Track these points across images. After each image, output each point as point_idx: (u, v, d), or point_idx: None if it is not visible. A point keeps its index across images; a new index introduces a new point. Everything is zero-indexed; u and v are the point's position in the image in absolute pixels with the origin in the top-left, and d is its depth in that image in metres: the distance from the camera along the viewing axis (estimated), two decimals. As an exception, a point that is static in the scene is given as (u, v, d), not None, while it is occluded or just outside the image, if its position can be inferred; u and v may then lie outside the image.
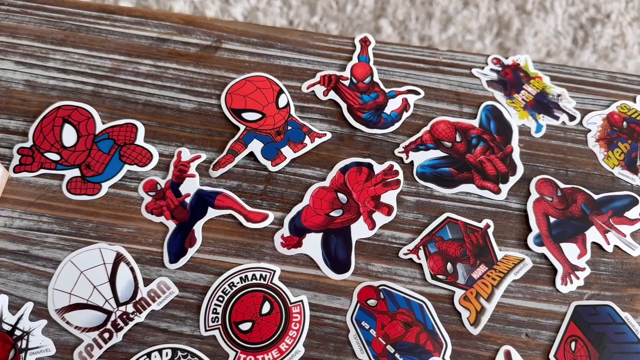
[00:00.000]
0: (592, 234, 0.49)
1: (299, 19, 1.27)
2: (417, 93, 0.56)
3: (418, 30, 1.28)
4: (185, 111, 0.54)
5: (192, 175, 0.51)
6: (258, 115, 0.53)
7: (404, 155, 0.53)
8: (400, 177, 0.51)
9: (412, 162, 0.52)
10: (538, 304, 0.47)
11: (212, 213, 0.49)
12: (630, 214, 0.50)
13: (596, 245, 0.49)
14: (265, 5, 1.27)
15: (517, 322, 0.46)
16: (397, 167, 0.52)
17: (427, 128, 0.54)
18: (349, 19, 1.29)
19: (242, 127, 0.53)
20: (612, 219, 0.50)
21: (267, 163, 0.51)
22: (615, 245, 0.49)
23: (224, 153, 0.51)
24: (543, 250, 0.48)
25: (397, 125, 0.54)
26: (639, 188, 0.52)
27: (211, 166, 0.51)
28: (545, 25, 1.32)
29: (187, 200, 0.50)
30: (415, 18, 1.30)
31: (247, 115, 0.53)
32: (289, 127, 0.53)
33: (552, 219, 0.50)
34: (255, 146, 0.52)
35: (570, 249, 0.49)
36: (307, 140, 0.53)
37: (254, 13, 1.26)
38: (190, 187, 0.50)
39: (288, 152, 0.52)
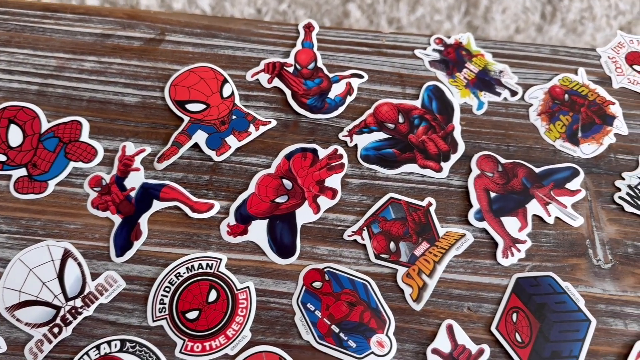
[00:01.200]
0: (533, 207, 0.50)
1: (267, 7, 1.27)
2: (361, 77, 0.56)
3: (386, 13, 1.28)
4: (130, 105, 0.54)
5: (137, 169, 0.51)
6: (202, 106, 0.54)
7: (348, 139, 0.53)
8: (345, 160, 0.52)
9: (356, 145, 0.53)
10: (480, 278, 0.48)
11: (157, 205, 0.50)
12: (571, 185, 0.51)
13: (537, 218, 0.50)
14: None
15: (459, 297, 0.47)
16: (341, 151, 0.53)
17: (371, 111, 0.54)
18: (317, 5, 1.29)
19: (186, 119, 0.53)
20: (553, 191, 0.51)
21: (211, 153, 0.52)
22: (557, 217, 0.50)
23: (168, 145, 0.52)
24: (484, 225, 0.49)
25: (341, 109, 0.55)
26: (580, 159, 0.53)
27: (156, 159, 0.51)
28: (513, 2, 1.32)
29: (132, 194, 0.50)
30: (384, 1, 1.30)
31: (191, 107, 0.54)
32: (234, 117, 0.54)
33: (492, 194, 0.51)
34: (200, 137, 0.52)
35: (510, 223, 0.49)
36: (251, 128, 0.53)
37: (221, 4, 1.26)
38: (135, 180, 0.51)
39: (233, 142, 0.52)
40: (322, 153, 0.52)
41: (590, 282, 0.48)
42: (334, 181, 0.51)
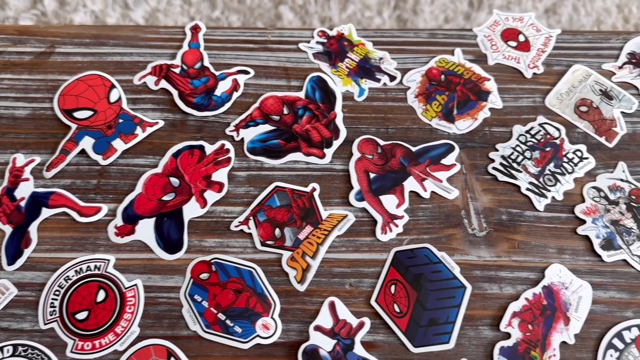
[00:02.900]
0: (410, 184, 0.52)
1: (200, 14, 1.28)
2: (247, 72, 0.58)
3: (318, 13, 1.30)
4: (20, 118, 0.55)
5: (27, 179, 0.52)
6: (90, 113, 0.55)
7: (234, 134, 0.55)
8: (232, 154, 0.54)
9: (242, 139, 0.55)
10: (361, 255, 0.50)
11: (46, 213, 0.51)
12: (447, 160, 0.54)
13: (414, 194, 0.52)
14: (166, 5, 1.27)
15: (341, 274, 0.49)
16: (228, 145, 0.54)
17: (257, 105, 0.56)
18: (250, 10, 1.30)
19: (73, 126, 0.54)
20: (429, 167, 0.53)
21: (98, 158, 0.53)
22: (433, 191, 0.52)
23: (56, 153, 0.53)
24: (364, 204, 0.51)
25: (227, 105, 0.56)
26: (455, 135, 0.55)
27: (44, 167, 0.52)
28: (441, -9, 1.35)
29: (22, 203, 0.51)
30: (315, 1, 1.32)
31: (79, 114, 0.55)
32: (120, 120, 0.55)
33: (372, 175, 0.53)
34: (87, 143, 0.53)
35: (389, 200, 0.52)
36: (138, 130, 0.54)
37: (154, 15, 1.27)
38: (25, 190, 0.52)
39: (119, 145, 0.54)
40: (210, 149, 0.54)
41: (466, 250, 0.50)
42: (220, 175, 0.53)
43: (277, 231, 0.51)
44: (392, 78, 0.58)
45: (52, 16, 1.18)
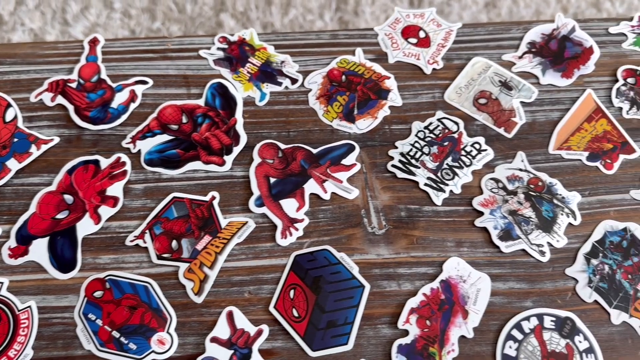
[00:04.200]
0: (310, 186, 0.52)
1: (140, 27, 1.26)
2: (145, 82, 0.57)
3: (260, 19, 1.29)
4: None
5: None
6: (-18, 134, 0.54)
7: (131, 146, 0.54)
8: (128, 167, 0.53)
9: (139, 150, 0.54)
10: (260, 262, 0.49)
11: None
12: (347, 160, 0.53)
13: (315, 196, 0.52)
14: (106, 19, 1.25)
15: (240, 283, 0.48)
16: (124, 158, 0.53)
17: (154, 115, 0.55)
18: (191, 19, 1.29)
19: (-36, 149, 0.53)
20: (329, 168, 0.53)
21: (-11, 179, 0.52)
22: (333, 192, 0.52)
23: (-54, 177, 0.51)
24: (264, 210, 0.51)
25: (124, 117, 0.55)
26: (356, 135, 0.55)
27: None
28: (382, -8, 1.35)
29: None
30: (256, 7, 1.31)
31: (-30, 136, 0.53)
32: (15, 139, 0.54)
33: (272, 180, 0.52)
34: (-22, 165, 0.52)
35: (289, 204, 0.51)
36: (33, 148, 0.53)
37: (94, 30, 1.25)
38: None
39: (13, 164, 0.52)
40: (105, 163, 0.53)
41: (366, 249, 0.50)
42: (116, 189, 0.52)
43: (174, 243, 0.50)
44: (294, 81, 0.58)
45: (-10, 36, 1.16)
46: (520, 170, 0.53)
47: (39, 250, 0.49)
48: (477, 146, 0.54)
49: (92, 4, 1.27)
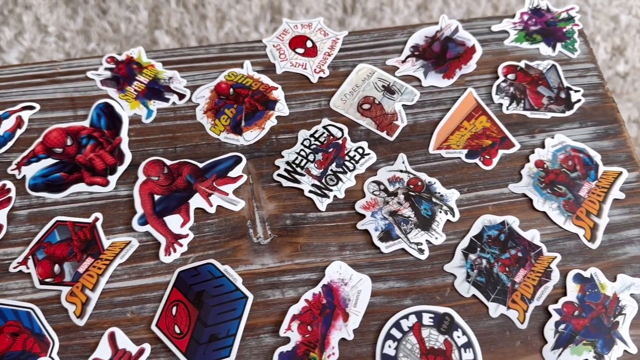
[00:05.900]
0: (196, 201, 0.52)
1: (74, 49, 1.25)
2: (32, 108, 0.57)
3: (195, 34, 1.29)
4: None
5: None
6: None
7: (16, 172, 0.54)
8: (12, 194, 0.53)
9: (24, 176, 0.54)
10: (144, 280, 0.49)
11: None
12: (233, 172, 0.54)
13: (201, 210, 0.52)
14: (40, 44, 1.24)
15: (123, 303, 0.49)
16: (9, 185, 0.53)
17: (40, 139, 0.55)
18: (126, 38, 1.28)
19: None
20: (215, 182, 0.53)
21: None
22: (219, 205, 0.52)
23: None
24: (147, 228, 0.51)
25: (10, 144, 0.55)
26: (243, 147, 0.56)
27: None
28: (315, 1, 1.37)
29: None
30: (190, 22, 1.31)
31: None
32: None
33: (157, 197, 0.53)
34: None
35: (173, 220, 0.52)
36: None
37: (29, 55, 1.23)
38: None
39: None
40: (-12, 191, 0.53)
41: (250, 260, 0.50)
42: (-2, 217, 0.52)
43: (57, 267, 0.50)
44: (182, 96, 0.58)
45: None
46: (401, 171, 0.54)
47: None
48: (360, 151, 0.55)
49: (26, 28, 1.26)
